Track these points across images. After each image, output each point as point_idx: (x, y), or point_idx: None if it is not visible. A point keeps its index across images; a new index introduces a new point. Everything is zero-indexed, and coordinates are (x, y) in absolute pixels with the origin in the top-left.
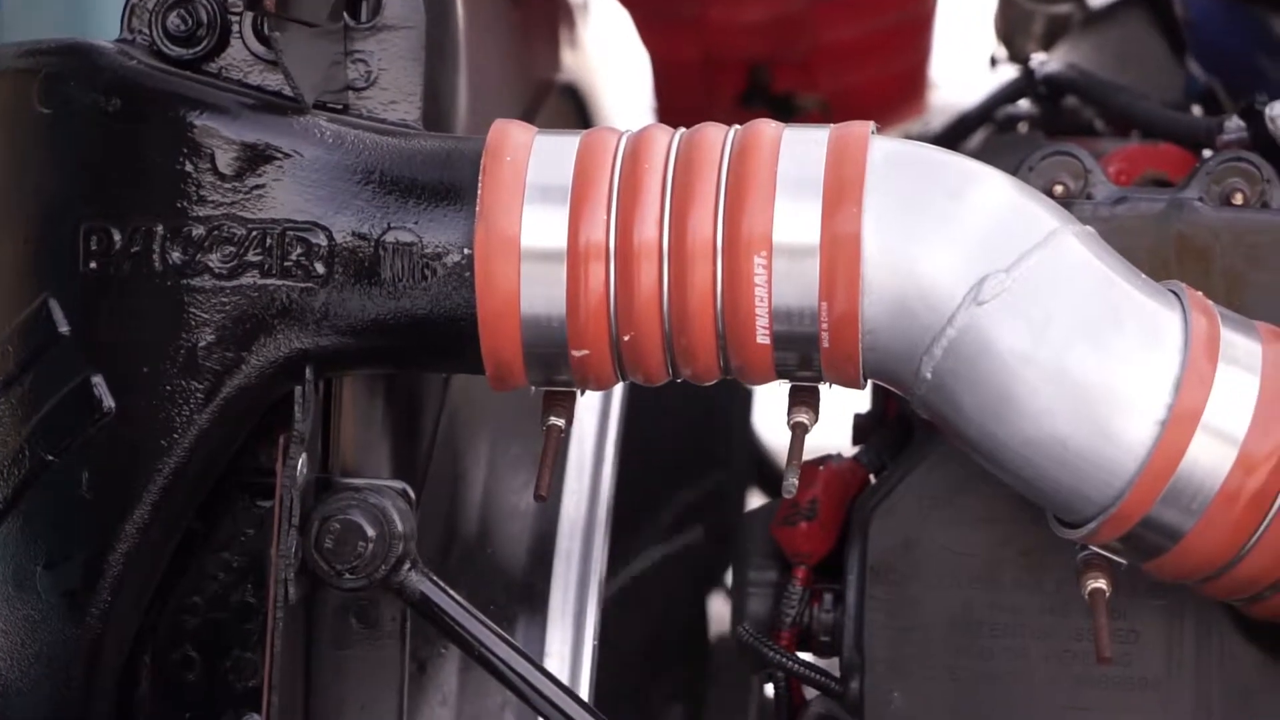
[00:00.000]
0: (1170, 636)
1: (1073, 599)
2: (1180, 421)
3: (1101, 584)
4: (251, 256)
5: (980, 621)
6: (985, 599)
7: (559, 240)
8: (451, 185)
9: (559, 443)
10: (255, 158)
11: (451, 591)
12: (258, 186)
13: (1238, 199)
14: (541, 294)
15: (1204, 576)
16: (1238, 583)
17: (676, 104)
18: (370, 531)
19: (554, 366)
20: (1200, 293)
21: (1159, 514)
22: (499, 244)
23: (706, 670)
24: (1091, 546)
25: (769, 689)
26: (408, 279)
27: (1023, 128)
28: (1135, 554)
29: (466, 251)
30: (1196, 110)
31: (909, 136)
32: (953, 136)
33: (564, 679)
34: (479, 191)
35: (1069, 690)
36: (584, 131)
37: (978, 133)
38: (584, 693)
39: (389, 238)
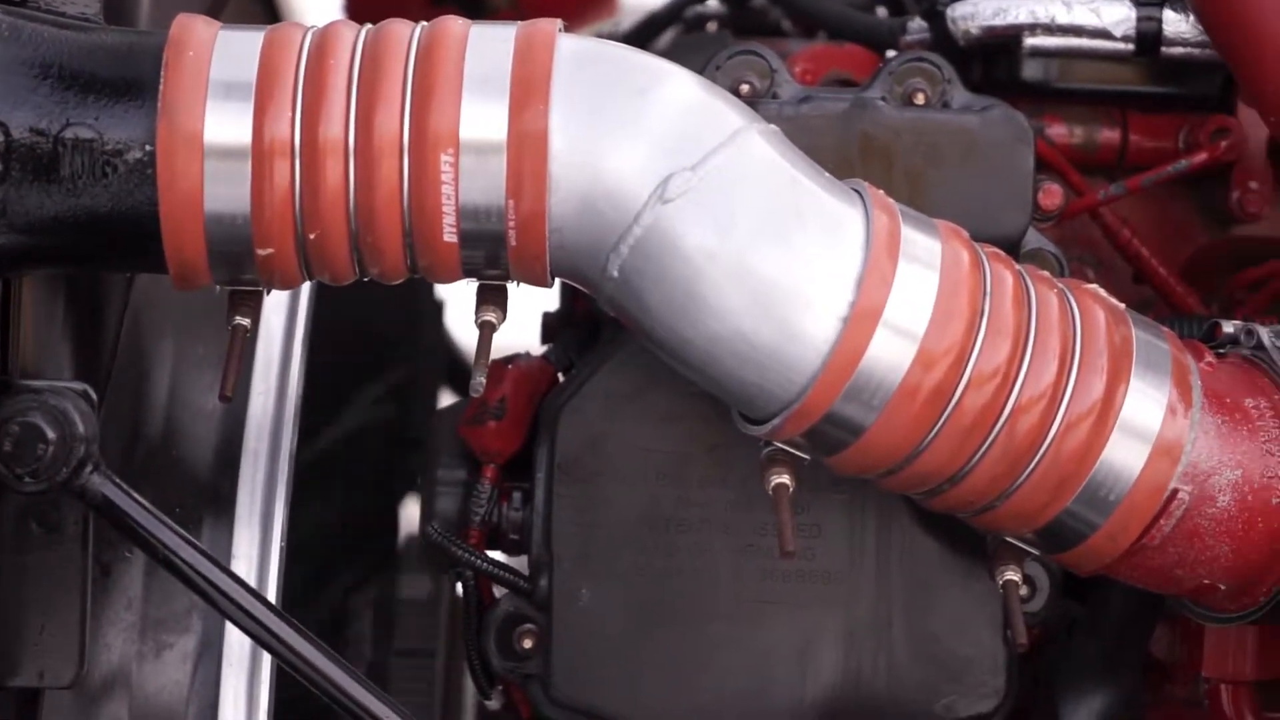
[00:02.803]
0: (852, 530)
1: (757, 494)
2: (861, 318)
3: (785, 479)
4: None
5: (667, 517)
6: (672, 495)
7: (243, 137)
8: (133, 81)
9: (244, 343)
10: None
11: (135, 494)
12: None
13: (919, 99)
14: (225, 192)
15: (885, 471)
16: (917, 476)
17: (368, 1)
18: (50, 434)
19: (239, 265)
20: (882, 191)
21: (841, 409)
22: (182, 140)
23: (397, 570)
24: (775, 442)
25: (459, 588)
26: (88, 176)
27: (711, 27)
28: (818, 449)
29: (148, 148)
30: (881, 11)
31: (598, 36)
32: (642, 36)
33: (251, 581)
34: (161, 87)
35: (754, 584)
36: (269, 27)
37: (667, 32)
38: (271, 595)
39: (68, 134)
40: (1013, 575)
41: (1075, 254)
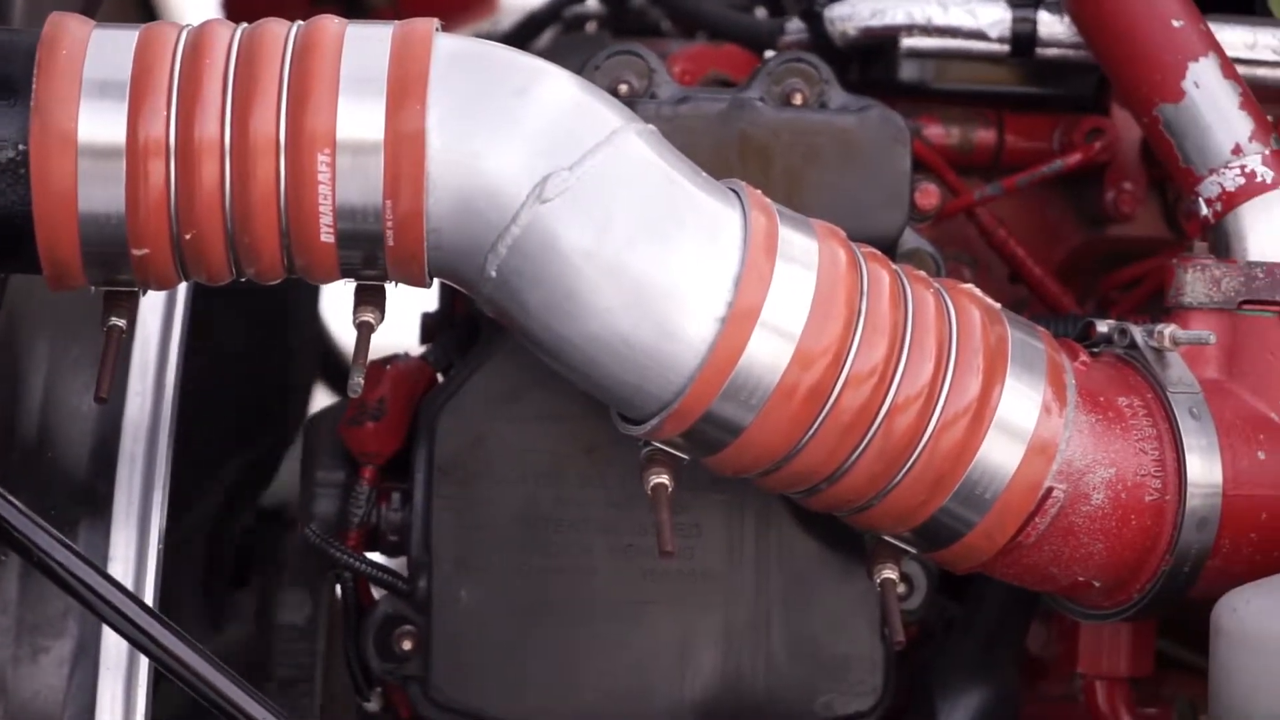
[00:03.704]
0: (731, 529)
1: (636, 494)
2: (739, 318)
3: (664, 479)
4: None
5: (546, 518)
6: (551, 495)
7: (117, 136)
8: (5, 79)
9: (119, 344)
10: None
11: (9, 496)
12: None
13: (797, 99)
14: (100, 192)
15: (763, 470)
16: (795, 476)
17: (246, 1)
18: None
19: (114, 266)
20: (760, 191)
21: (719, 409)
22: (55, 140)
23: (276, 572)
24: (654, 442)
25: (338, 589)
26: None
27: (590, 27)
28: (697, 449)
29: (21, 148)
30: (760, 12)
31: (477, 35)
32: (521, 36)
33: (128, 583)
34: (34, 86)
35: (633, 584)
36: (144, 26)
37: (546, 32)
38: (149, 597)
39: None
40: (890, 574)
41: (952, 253)
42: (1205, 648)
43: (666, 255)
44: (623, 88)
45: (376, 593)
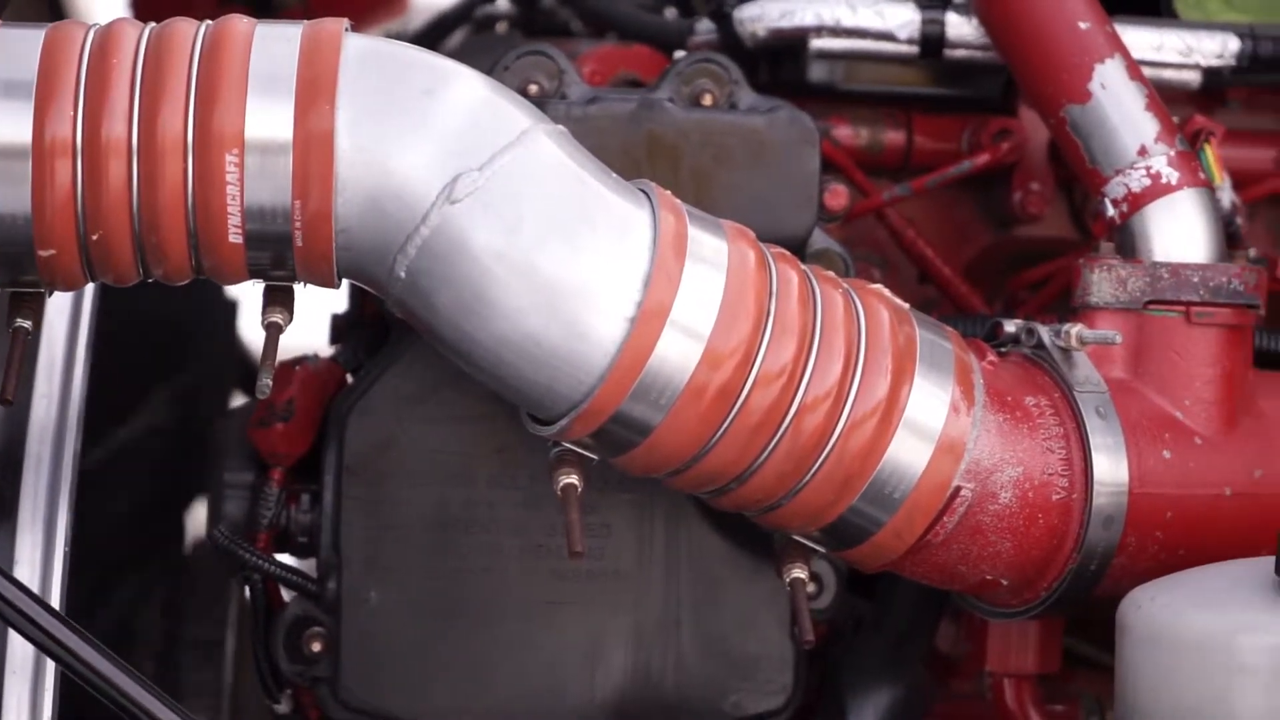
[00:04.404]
0: (641, 530)
1: (546, 495)
2: (649, 318)
3: (573, 479)
4: None
5: (456, 519)
6: (461, 496)
7: (23, 136)
8: None
9: (25, 345)
10: None
11: None
12: None
13: (707, 100)
14: (5, 192)
15: (673, 470)
16: (705, 475)
17: (154, 1)
18: None
19: (20, 267)
20: (669, 192)
21: (629, 409)
22: None
23: (185, 574)
24: (564, 443)
25: (247, 591)
26: None
27: (501, 28)
28: (607, 449)
29: None
30: (670, 13)
31: (388, 36)
32: (432, 36)
33: (34, 587)
34: None
35: (544, 584)
36: (50, 25)
37: (456, 32)
38: (55, 601)
39: None
40: (800, 573)
41: (861, 254)
42: (1111, 645)
43: (576, 255)
44: (532, 88)
45: (286, 594)
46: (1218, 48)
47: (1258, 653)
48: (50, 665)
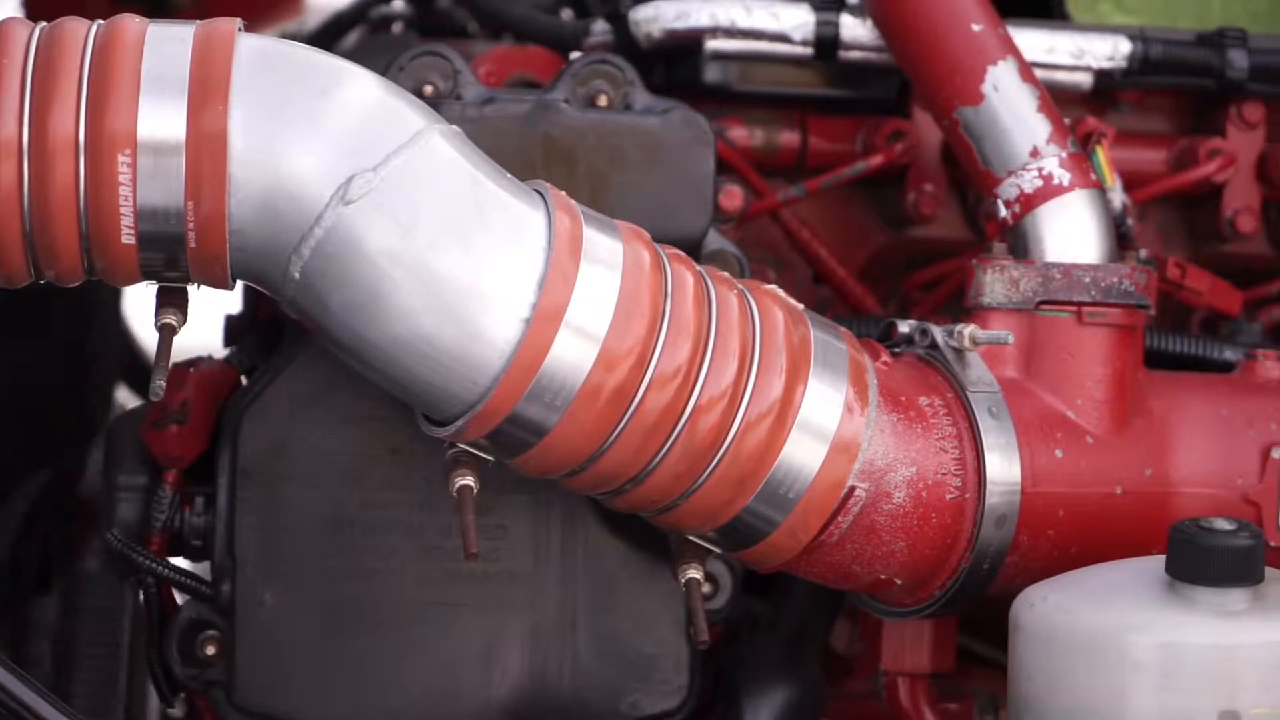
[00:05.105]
0: (537, 531)
1: (442, 496)
2: (544, 319)
3: (469, 481)
4: None
5: (351, 521)
6: (356, 498)
7: None
8: None
9: None
10: None
11: None
12: None
13: (602, 101)
14: None
15: (569, 471)
16: (601, 476)
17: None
18: None
19: None
20: (564, 193)
21: (524, 411)
22: None
23: (79, 580)
24: (460, 444)
25: (141, 595)
26: None
27: (397, 28)
28: (502, 450)
29: None
30: (566, 14)
31: (283, 36)
32: (327, 36)
33: None
34: None
35: (440, 586)
36: None
37: (352, 33)
38: None
39: None
40: (695, 574)
41: (756, 255)
42: (1005, 643)
43: (470, 256)
44: (427, 89)
45: (180, 598)
46: (1109, 50)
47: (1149, 651)
48: None
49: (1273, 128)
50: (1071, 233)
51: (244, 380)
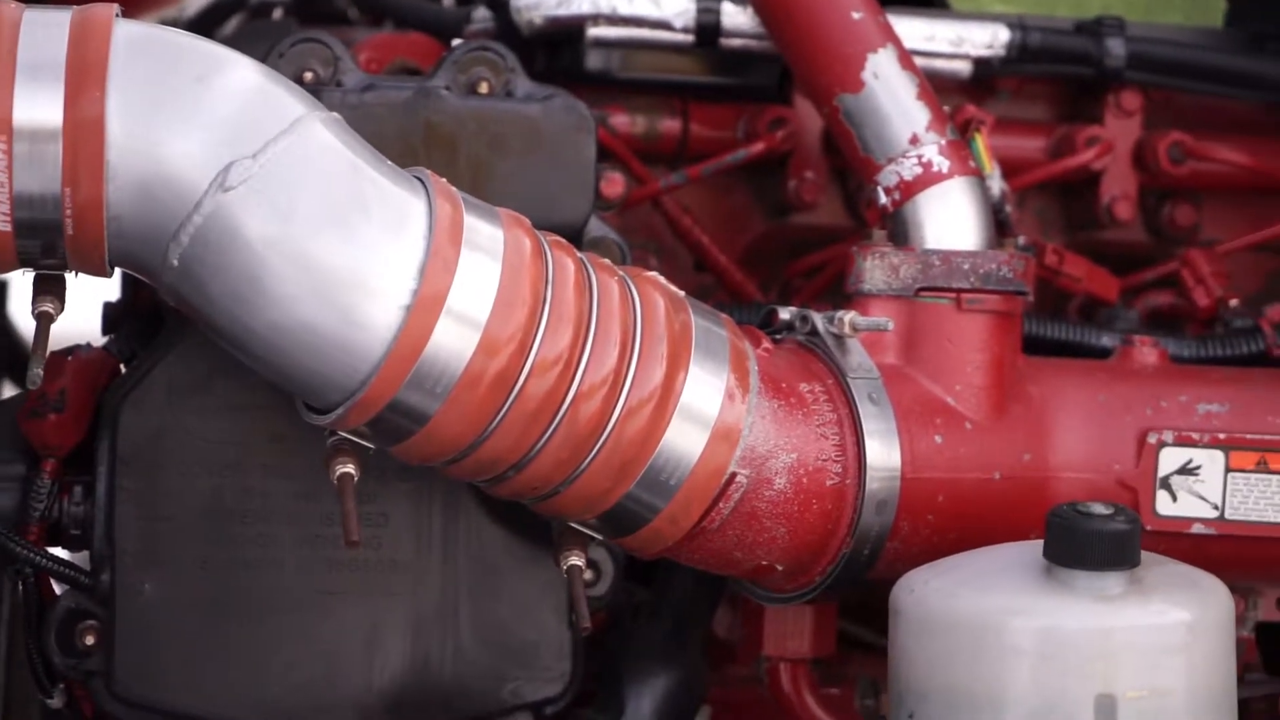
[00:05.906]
0: (419, 519)
1: (323, 484)
2: (424, 306)
3: (350, 469)
4: None
5: (232, 509)
6: (236, 486)
7: None
8: None
9: None
10: None
11: None
12: None
13: (483, 88)
14: None
15: (450, 459)
16: (482, 464)
17: None
18: None
19: None
20: (445, 180)
21: (405, 398)
22: None
23: None
24: (341, 432)
25: (18, 586)
26: None
27: (277, 14)
28: (383, 438)
29: None
30: (448, 0)
31: (163, 22)
32: (208, 23)
33: None
34: None
35: (321, 574)
36: None
37: (233, 19)
38: None
39: None
40: (577, 560)
41: (638, 241)
42: (885, 628)
43: (350, 243)
44: (308, 75)
45: (59, 588)
46: (988, 38)
47: (1027, 634)
48: None
49: (1149, 115)
50: (951, 220)
51: (123, 368)
